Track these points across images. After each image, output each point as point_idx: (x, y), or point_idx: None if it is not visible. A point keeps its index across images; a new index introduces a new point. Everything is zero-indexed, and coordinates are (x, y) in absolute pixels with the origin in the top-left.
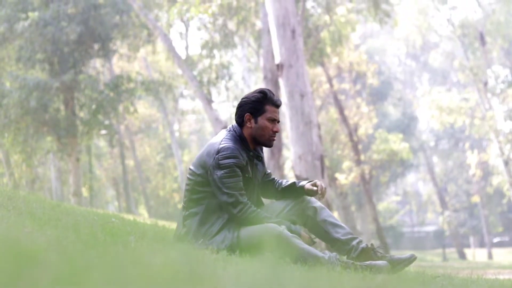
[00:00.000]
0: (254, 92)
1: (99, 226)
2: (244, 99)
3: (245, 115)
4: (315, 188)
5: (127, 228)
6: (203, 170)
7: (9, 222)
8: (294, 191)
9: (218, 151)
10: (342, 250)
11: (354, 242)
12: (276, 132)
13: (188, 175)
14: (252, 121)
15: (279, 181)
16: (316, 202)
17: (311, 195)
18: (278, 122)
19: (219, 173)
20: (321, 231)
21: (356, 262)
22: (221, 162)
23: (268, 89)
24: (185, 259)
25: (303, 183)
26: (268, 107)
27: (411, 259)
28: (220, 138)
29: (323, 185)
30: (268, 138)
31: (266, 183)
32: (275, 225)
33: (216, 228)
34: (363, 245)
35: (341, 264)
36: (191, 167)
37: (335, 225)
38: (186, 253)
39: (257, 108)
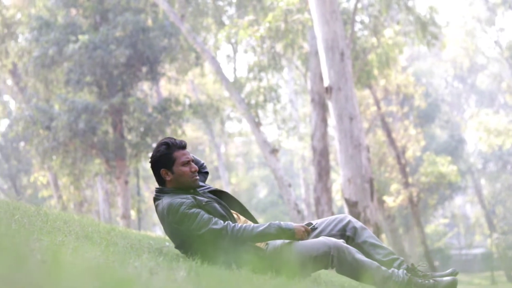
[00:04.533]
0: (157, 147)
1: (156, 251)
2: (151, 159)
3: (161, 172)
4: None
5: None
6: (178, 240)
7: (71, 248)
8: None
9: (168, 215)
10: None
11: (396, 264)
12: (195, 171)
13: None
14: (169, 173)
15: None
16: (357, 222)
17: None
18: (192, 161)
19: (184, 227)
20: (362, 252)
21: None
22: (176, 219)
23: (167, 138)
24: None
25: None
26: (176, 154)
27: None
28: (160, 209)
29: None
30: (190, 180)
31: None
32: (326, 238)
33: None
34: (404, 266)
35: (409, 278)
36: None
37: (376, 246)
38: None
39: (167, 161)
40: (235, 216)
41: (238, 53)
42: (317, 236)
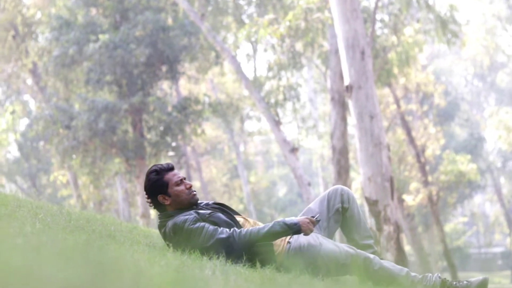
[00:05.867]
0: (146, 178)
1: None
2: (145, 190)
3: (158, 199)
4: None
5: None
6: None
7: (96, 246)
8: None
9: (174, 235)
10: None
11: (367, 252)
12: (190, 187)
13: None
14: (166, 197)
15: None
16: (353, 196)
17: None
18: (184, 178)
19: (192, 243)
20: (346, 226)
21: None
22: (183, 237)
23: (153, 165)
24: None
25: None
26: (167, 177)
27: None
28: (167, 232)
29: None
30: (188, 197)
31: None
32: (353, 248)
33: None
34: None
35: (442, 281)
36: None
37: (358, 225)
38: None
39: (160, 186)
40: (241, 220)
41: (257, 52)
42: (327, 216)
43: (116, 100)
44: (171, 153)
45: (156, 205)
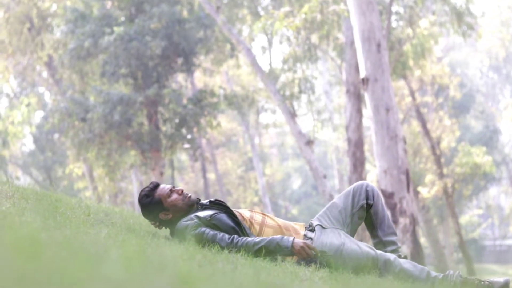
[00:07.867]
0: (140, 204)
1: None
2: (147, 217)
3: (161, 217)
4: None
5: None
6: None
7: (118, 240)
8: None
9: (180, 240)
10: (378, 249)
11: (389, 248)
12: (182, 192)
13: None
14: (166, 212)
15: None
16: (378, 192)
17: None
18: (174, 187)
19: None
20: (370, 222)
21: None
22: (189, 235)
23: (142, 190)
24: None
25: None
26: (157, 194)
27: (506, 282)
28: (180, 239)
29: None
30: (185, 201)
31: None
32: (373, 250)
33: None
34: (396, 254)
35: (463, 280)
36: None
37: (382, 221)
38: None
39: (156, 205)
40: (247, 213)
41: (273, 44)
42: (351, 212)
43: (132, 92)
44: (186, 146)
45: (163, 223)
